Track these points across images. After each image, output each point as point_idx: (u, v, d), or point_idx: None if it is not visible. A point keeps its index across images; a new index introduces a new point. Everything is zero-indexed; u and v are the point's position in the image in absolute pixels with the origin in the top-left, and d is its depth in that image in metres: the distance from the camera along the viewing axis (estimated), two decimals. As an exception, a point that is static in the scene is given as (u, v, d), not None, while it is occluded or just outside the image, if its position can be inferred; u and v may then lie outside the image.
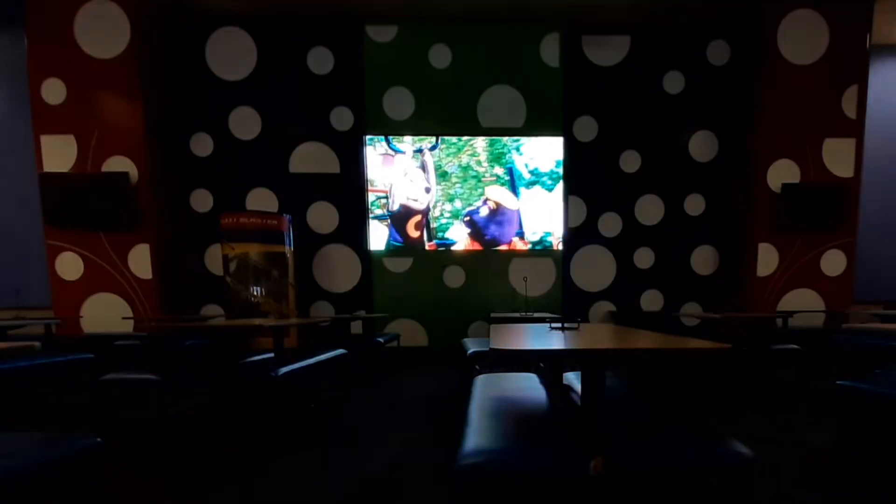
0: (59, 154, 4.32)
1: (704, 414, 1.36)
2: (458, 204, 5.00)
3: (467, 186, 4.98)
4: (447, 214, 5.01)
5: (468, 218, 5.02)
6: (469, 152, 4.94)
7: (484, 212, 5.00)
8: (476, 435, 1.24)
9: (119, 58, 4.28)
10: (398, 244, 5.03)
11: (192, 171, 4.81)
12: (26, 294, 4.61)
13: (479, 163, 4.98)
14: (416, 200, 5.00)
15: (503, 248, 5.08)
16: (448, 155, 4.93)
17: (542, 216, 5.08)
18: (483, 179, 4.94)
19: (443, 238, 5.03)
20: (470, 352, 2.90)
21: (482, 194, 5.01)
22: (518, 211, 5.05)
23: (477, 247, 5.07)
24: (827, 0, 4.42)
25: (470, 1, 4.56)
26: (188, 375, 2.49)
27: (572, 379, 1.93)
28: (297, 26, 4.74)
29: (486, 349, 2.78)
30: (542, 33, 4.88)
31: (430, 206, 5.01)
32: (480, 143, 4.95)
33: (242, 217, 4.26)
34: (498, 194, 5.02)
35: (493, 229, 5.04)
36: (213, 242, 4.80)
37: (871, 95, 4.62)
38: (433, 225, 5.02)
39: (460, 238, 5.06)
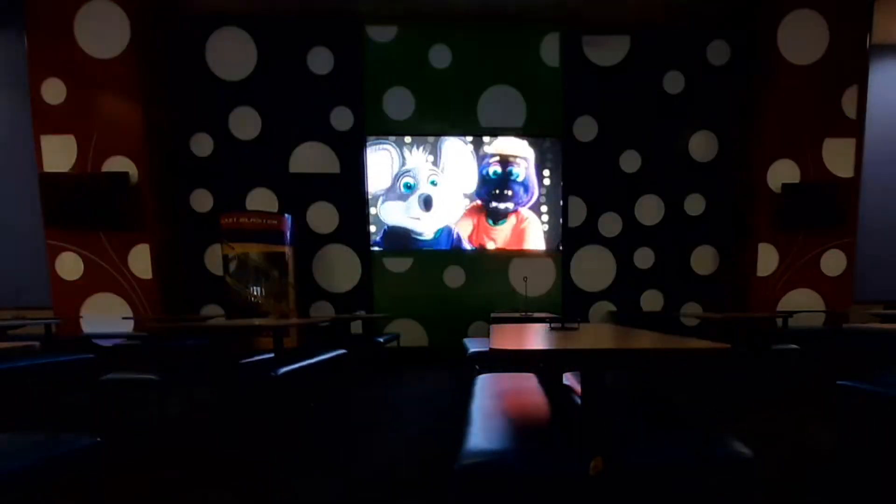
0: (59, 154, 4.31)
1: (704, 414, 1.36)
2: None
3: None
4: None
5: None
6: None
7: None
8: (476, 435, 1.24)
9: (119, 58, 4.27)
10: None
11: (192, 171, 4.81)
12: (26, 294, 4.61)
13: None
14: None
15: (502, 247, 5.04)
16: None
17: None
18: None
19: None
20: (470, 352, 2.90)
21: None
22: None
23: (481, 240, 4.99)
24: (827, 0, 4.42)
25: (470, 1, 4.56)
26: (188, 375, 2.49)
27: (572, 379, 1.93)
28: (296, 26, 4.74)
29: (486, 349, 2.78)
30: (542, 33, 4.87)
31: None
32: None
33: (242, 217, 4.26)
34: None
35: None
36: (213, 242, 4.80)
37: (871, 95, 4.62)
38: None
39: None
